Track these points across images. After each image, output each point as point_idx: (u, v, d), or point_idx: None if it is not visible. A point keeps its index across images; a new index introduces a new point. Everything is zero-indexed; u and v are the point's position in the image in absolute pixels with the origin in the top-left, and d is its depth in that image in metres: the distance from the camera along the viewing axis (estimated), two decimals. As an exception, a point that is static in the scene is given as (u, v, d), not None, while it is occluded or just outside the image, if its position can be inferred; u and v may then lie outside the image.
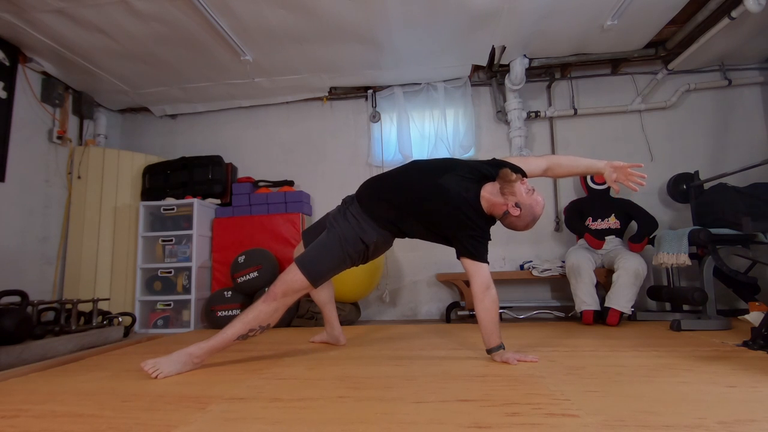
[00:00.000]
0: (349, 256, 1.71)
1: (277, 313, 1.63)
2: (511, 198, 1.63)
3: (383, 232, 1.75)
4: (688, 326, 2.28)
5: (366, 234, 1.71)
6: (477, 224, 1.63)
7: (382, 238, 1.76)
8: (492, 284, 1.62)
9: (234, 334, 1.59)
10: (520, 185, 1.63)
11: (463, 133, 3.45)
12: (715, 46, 3.01)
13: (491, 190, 1.67)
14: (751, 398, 1.11)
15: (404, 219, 1.72)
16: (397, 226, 1.74)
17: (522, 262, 3.22)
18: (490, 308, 1.61)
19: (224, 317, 2.91)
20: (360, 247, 1.71)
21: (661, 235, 2.64)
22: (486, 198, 1.67)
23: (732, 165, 2.84)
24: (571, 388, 1.24)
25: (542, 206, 1.67)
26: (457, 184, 1.65)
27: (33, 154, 3.06)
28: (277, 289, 1.63)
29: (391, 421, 1.01)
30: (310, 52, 3.02)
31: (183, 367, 1.57)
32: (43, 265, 3.11)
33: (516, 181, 1.63)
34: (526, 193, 1.63)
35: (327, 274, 1.71)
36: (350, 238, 1.70)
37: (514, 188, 1.62)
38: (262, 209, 3.37)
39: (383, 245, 1.81)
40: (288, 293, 1.63)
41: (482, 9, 2.59)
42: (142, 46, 2.86)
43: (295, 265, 1.66)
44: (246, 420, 1.05)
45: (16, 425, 1.07)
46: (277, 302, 1.62)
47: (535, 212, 1.64)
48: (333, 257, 1.69)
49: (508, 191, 1.63)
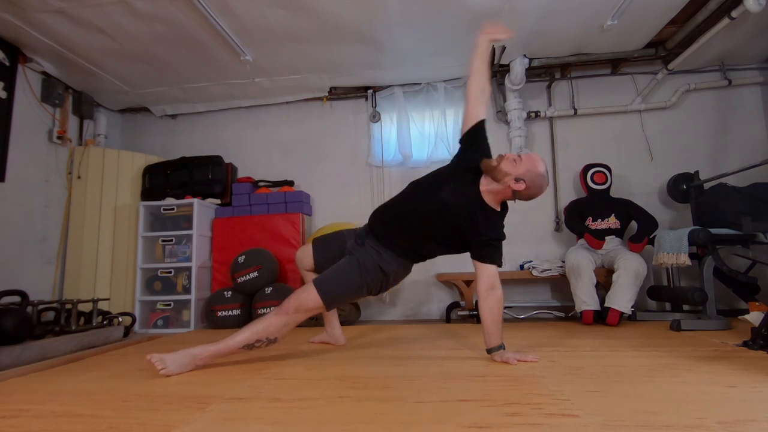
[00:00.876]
0: (367, 284, 1.72)
1: (286, 327, 1.64)
2: (507, 179, 1.62)
3: (402, 260, 1.77)
4: (688, 326, 2.28)
5: (385, 263, 1.73)
6: (488, 225, 1.64)
7: (402, 267, 1.79)
8: (498, 285, 1.63)
9: (240, 342, 1.60)
10: (505, 163, 1.62)
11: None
12: (715, 46, 3.00)
13: (487, 182, 1.67)
14: (751, 398, 1.11)
15: (421, 243, 1.74)
16: (415, 251, 1.76)
17: (522, 262, 3.22)
18: (493, 308, 1.62)
19: (224, 317, 2.91)
20: (379, 276, 1.72)
21: (661, 235, 2.64)
22: (488, 192, 1.67)
23: (732, 165, 2.84)
24: (571, 388, 1.24)
25: (540, 161, 1.65)
26: (457, 194, 1.66)
27: (33, 154, 3.06)
28: (290, 303, 1.64)
29: (391, 421, 1.01)
30: (310, 52, 3.02)
31: (185, 367, 1.57)
32: (43, 265, 3.11)
33: (498, 164, 1.62)
34: (515, 163, 1.61)
35: (342, 298, 1.73)
36: (370, 266, 1.71)
37: (502, 169, 1.61)
38: (262, 209, 3.37)
39: (403, 273, 1.82)
40: (300, 310, 1.63)
41: (482, 9, 2.59)
42: (142, 46, 2.86)
43: (312, 284, 1.67)
44: (246, 420, 1.05)
45: (16, 425, 1.07)
46: (288, 317, 1.63)
47: (538, 171, 1.62)
48: (351, 283, 1.70)
49: (499, 176, 1.62)
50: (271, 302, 2.84)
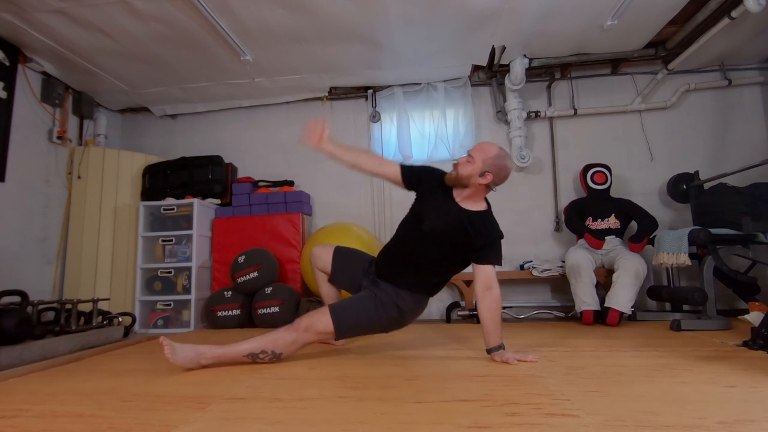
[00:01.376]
0: (381, 321, 1.73)
1: (294, 345, 1.65)
2: (472, 180, 1.65)
3: (418, 296, 1.79)
4: (688, 326, 2.28)
5: (402, 300, 1.75)
6: (479, 231, 1.66)
7: (418, 304, 1.81)
8: (494, 284, 1.64)
9: (246, 350, 1.61)
10: (462, 168, 1.65)
11: (463, 133, 3.45)
12: (715, 46, 3.00)
13: (458, 192, 1.72)
14: (751, 398, 1.11)
15: (431, 273, 1.77)
16: (429, 283, 1.79)
17: (522, 262, 3.22)
18: (490, 307, 1.63)
19: (224, 317, 2.91)
20: (394, 313, 1.74)
21: (661, 235, 2.64)
22: (464, 199, 1.71)
23: (732, 165, 2.84)
24: (571, 388, 1.24)
25: (489, 145, 1.69)
26: (438, 218, 1.70)
27: (33, 154, 3.06)
28: (302, 322, 1.65)
29: (391, 421, 1.01)
30: (310, 52, 3.02)
31: (189, 362, 1.58)
32: (43, 265, 3.11)
33: (457, 173, 1.66)
34: (470, 163, 1.65)
35: (354, 330, 1.74)
36: (386, 302, 1.73)
37: (462, 173, 1.65)
38: (262, 209, 3.37)
39: (419, 309, 1.83)
40: (310, 330, 1.64)
41: (482, 9, 2.59)
42: (142, 46, 2.86)
43: (327, 309, 1.68)
44: (246, 420, 1.05)
45: (16, 425, 1.07)
46: (297, 334, 1.63)
47: (494, 155, 1.65)
48: (366, 317, 1.71)
49: (465, 182, 1.66)
50: (271, 302, 2.84)
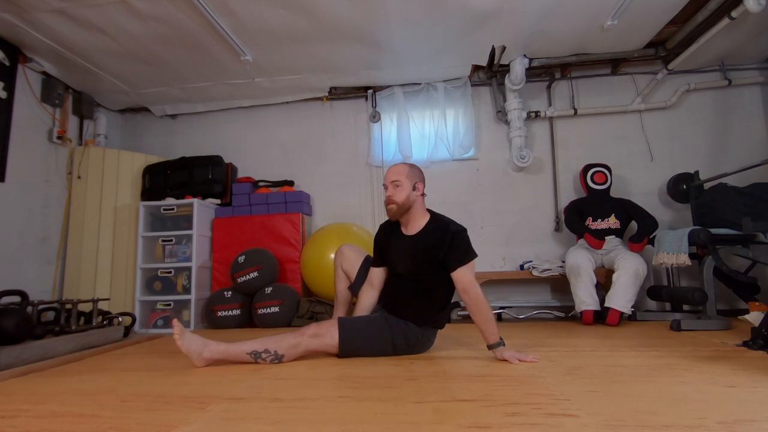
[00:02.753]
0: (387, 344, 1.74)
1: (297, 349, 1.66)
2: (410, 199, 1.74)
3: (425, 330, 1.79)
4: (688, 326, 2.28)
5: (410, 330, 1.76)
6: (434, 245, 1.70)
7: (426, 338, 1.81)
8: (470, 287, 1.65)
9: (250, 348, 1.64)
10: (396, 195, 1.74)
11: (463, 133, 3.45)
12: (715, 46, 3.00)
13: (406, 219, 1.78)
14: (751, 398, 1.11)
15: (431, 299, 1.78)
16: (434, 308, 1.79)
17: (522, 262, 3.22)
18: (472, 308, 1.66)
19: (224, 317, 2.91)
20: (400, 340, 1.75)
21: (661, 235, 2.64)
22: (409, 226, 1.78)
23: (732, 165, 2.84)
24: (571, 388, 1.24)
25: (394, 166, 1.80)
26: (402, 259, 1.77)
27: (33, 154, 3.06)
28: (310, 328, 1.68)
29: (391, 421, 1.01)
30: (310, 52, 3.02)
31: (193, 351, 1.61)
32: (43, 265, 3.11)
33: (396, 204, 1.74)
34: (397, 188, 1.74)
35: (358, 349, 1.73)
36: (396, 329, 1.75)
37: (401, 202, 1.73)
38: (262, 209, 3.37)
39: (425, 342, 1.83)
40: (316, 337, 1.67)
41: (482, 9, 2.59)
42: (142, 46, 2.86)
43: (338, 321, 1.70)
44: (246, 420, 1.05)
45: (16, 425, 1.07)
46: (302, 338, 1.65)
47: (407, 171, 1.76)
48: (373, 338, 1.73)
49: (408, 204, 1.75)
50: (271, 302, 2.84)
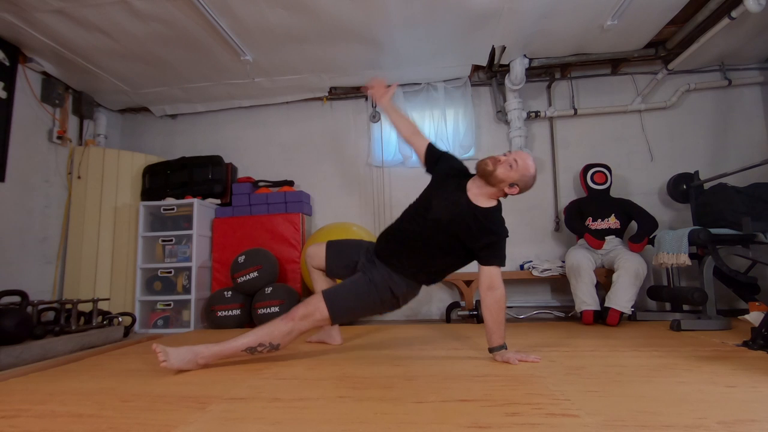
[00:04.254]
0: (375, 304, 1.74)
1: (290, 335, 1.65)
2: (501, 185, 1.65)
3: (411, 282, 1.78)
4: (688, 326, 2.28)
5: (396, 285, 1.75)
6: (485, 229, 1.64)
7: (411, 289, 1.80)
8: (497, 285, 1.63)
9: (243, 345, 1.60)
10: (501, 169, 1.64)
11: (463, 133, 3.45)
12: (715, 46, 3.00)
13: (478, 184, 1.69)
14: (751, 398, 1.11)
15: (428, 262, 1.75)
16: (425, 272, 1.78)
17: (522, 262, 3.22)
18: (491, 307, 1.62)
19: (224, 317, 2.91)
20: (388, 296, 1.74)
21: (661, 235, 2.64)
22: (479, 195, 1.69)
23: (732, 165, 2.84)
24: (571, 388, 1.24)
25: (532, 163, 1.68)
26: (447, 208, 1.69)
27: (33, 154, 3.06)
28: (297, 311, 1.65)
29: (391, 421, 1.01)
30: (310, 52, 3.02)
31: (187, 364, 1.57)
32: (43, 265, 3.11)
33: (494, 169, 1.64)
34: (511, 169, 1.64)
35: (349, 314, 1.73)
36: (380, 286, 1.73)
37: (498, 175, 1.64)
38: (262, 209, 3.37)
39: (411, 294, 1.83)
40: (306, 318, 1.64)
41: (482, 9, 2.59)
42: (142, 46, 2.86)
43: (321, 295, 1.68)
44: (246, 420, 1.05)
45: (16, 425, 1.07)
46: (293, 323, 1.63)
47: (531, 175, 1.67)
48: (360, 301, 1.72)
49: (494, 181, 1.65)
50: (271, 302, 2.84)
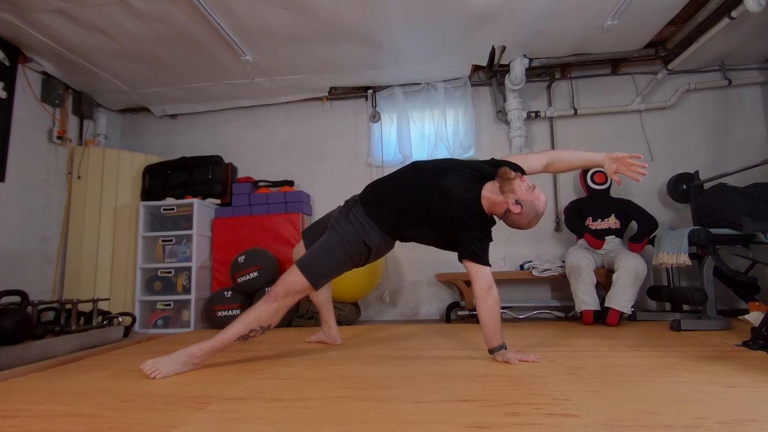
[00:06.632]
0: (351, 258, 1.71)
1: (278, 314, 1.63)
2: (510, 196, 1.61)
3: (385, 235, 1.75)
4: (688, 326, 2.27)
5: (369, 237, 1.71)
6: (478, 225, 1.63)
7: (384, 241, 1.77)
8: (494, 285, 1.63)
9: (234, 335, 1.58)
10: (520, 182, 1.62)
11: (463, 133, 3.45)
12: (715, 46, 3.00)
13: (492, 189, 1.66)
14: (751, 398, 1.11)
15: (406, 225, 1.72)
16: (398, 232, 1.75)
17: (522, 262, 3.22)
18: (492, 308, 1.62)
19: (224, 317, 2.91)
20: (362, 249, 1.71)
21: (661, 235, 2.64)
22: (487, 197, 1.66)
23: (732, 165, 2.83)
24: (571, 388, 1.24)
25: (544, 203, 1.64)
26: (458, 185, 1.65)
27: (33, 154, 3.06)
28: (278, 289, 1.62)
29: (391, 421, 1.01)
30: (310, 52, 3.02)
31: (183, 367, 1.56)
32: (43, 265, 3.11)
33: (515, 178, 1.62)
34: (527, 190, 1.62)
35: (328, 276, 1.71)
36: (353, 240, 1.70)
37: (514, 186, 1.61)
38: (262, 209, 3.37)
39: (385, 248, 1.81)
40: (289, 294, 1.62)
41: (482, 9, 2.59)
42: (142, 46, 2.86)
43: (295, 266, 1.65)
44: (246, 420, 1.05)
45: (16, 425, 1.07)
46: (278, 303, 1.61)
47: (537, 208, 1.62)
48: (335, 259, 1.69)
49: (507, 189, 1.62)
50: (271, 302, 2.84)
